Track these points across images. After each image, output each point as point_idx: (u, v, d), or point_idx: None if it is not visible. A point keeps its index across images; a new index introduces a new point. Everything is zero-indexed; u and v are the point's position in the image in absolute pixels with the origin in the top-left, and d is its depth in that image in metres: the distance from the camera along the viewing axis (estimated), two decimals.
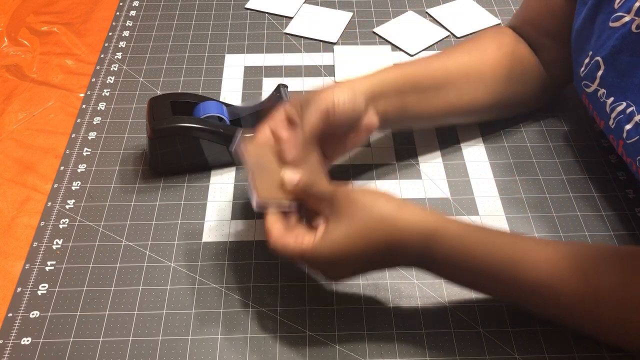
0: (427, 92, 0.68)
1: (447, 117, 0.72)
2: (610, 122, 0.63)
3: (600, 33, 0.63)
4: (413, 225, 0.53)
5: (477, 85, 0.71)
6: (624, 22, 0.60)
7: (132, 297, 0.62)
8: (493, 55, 0.72)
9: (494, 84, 0.72)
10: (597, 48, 0.64)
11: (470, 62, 0.71)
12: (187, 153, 0.71)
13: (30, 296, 0.62)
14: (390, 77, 0.66)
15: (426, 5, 0.98)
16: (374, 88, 0.64)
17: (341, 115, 0.60)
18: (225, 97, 0.83)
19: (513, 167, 0.74)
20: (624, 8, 0.61)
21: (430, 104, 0.69)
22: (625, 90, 0.61)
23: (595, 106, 0.66)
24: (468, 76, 0.70)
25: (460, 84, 0.70)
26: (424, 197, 0.71)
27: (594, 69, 0.64)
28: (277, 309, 0.61)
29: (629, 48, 0.60)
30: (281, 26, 0.94)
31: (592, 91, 0.65)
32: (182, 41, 0.92)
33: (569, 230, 0.67)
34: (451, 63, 0.70)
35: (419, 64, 0.70)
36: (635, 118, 0.59)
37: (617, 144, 0.63)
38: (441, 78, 0.69)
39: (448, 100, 0.69)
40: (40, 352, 0.58)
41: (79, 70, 0.88)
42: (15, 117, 0.81)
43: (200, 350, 0.58)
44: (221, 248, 0.66)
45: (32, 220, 0.69)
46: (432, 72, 0.69)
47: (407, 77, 0.67)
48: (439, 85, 0.69)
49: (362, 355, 0.57)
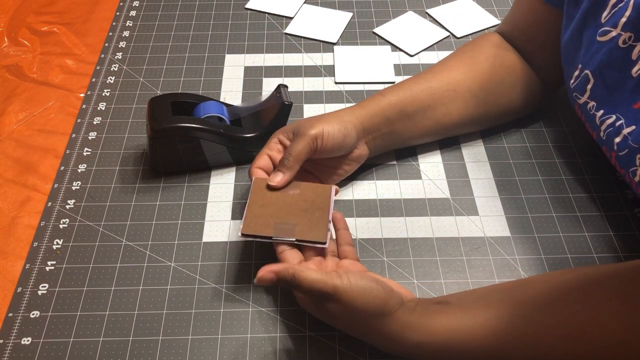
0: (414, 116, 0.70)
1: (437, 134, 0.74)
2: (601, 134, 0.63)
3: (588, 46, 0.63)
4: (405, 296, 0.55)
5: (466, 99, 0.71)
6: (611, 36, 0.60)
7: (132, 297, 0.62)
8: (482, 67, 0.72)
9: (484, 95, 0.72)
10: (585, 61, 0.64)
11: (457, 77, 0.71)
12: (187, 153, 0.71)
13: (31, 296, 0.62)
14: (379, 109, 0.68)
15: (426, 5, 0.98)
16: (362, 122, 0.67)
17: (331, 146, 0.64)
18: (225, 97, 0.83)
19: (513, 167, 0.74)
20: (610, 22, 0.60)
21: (418, 126, 0.71)
22: (614, 103, 0.61)
23: (586, 117, 0.66)
24: (455, 92, 0.70)
25: (446, 101, 0.70)
26: (424, 197, 0.71)
27: (583, 81, 0.64)
28: (277, 309, 0.61)
29: (616, 63, 0.60)
30: (281, 26, 0.95)
31: (582, 103, 0.65)
32: (182, 41, 0.92)
33: (568, 230, 0.67)
34: (436, 82, 0.71)
35: (405, 89, 0.70)
36: (624, 131, 0.59)
37: (609, 155, 0.64)
38: (427, 99, 0.70)
39: (436, 119, 0.71)
40: (40, 352, 0.58)
41: (79, 70, 0.88)
42: (16, 117, 0.81)
43: (200, 350, 0.58)
44: (221, 248, 0.66)
45: (33, 220, 0.69)
46: (418, 95, 0.70)
47: (394, 105, 0.69)
48: (426, 107, 0.70)
49: (362, 355, 0.57)
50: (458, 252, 0.66)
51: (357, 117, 0.66)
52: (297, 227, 0.60)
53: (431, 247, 0.66)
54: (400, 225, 0.68)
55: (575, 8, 0.65)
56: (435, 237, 0.67)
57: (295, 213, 0.61)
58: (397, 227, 0.68)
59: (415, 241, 0.66)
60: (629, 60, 0.58)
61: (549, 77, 0.75)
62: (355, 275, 0.52)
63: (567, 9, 0.67)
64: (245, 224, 0.60)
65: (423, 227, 0.68)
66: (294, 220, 0.61)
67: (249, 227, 0.60)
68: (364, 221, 0.68)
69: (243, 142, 0.72)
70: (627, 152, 0.59)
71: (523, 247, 0.66)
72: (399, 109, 0.68)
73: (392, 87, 0.71)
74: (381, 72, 0.86)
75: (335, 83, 0.85)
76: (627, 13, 0.58)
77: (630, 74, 0.58)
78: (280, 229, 0.60)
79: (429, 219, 0.69)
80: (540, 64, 0.74)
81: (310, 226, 0.60)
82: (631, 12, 0.58)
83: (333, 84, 0.85)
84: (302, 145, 0.62)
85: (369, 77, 0.86)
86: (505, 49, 0.74)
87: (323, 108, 0.81)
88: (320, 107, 0.82)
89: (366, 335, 0.55)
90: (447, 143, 0.76)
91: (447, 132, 0.74)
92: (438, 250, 0.66)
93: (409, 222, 0.68)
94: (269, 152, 0.65)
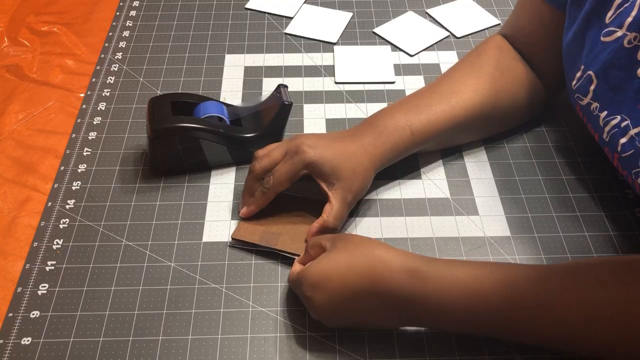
0: (432, 140, 0.69)
1: (438, 146, 0.74)
2: (604, 135, 0.63)
3: (592, 47, 0.63)
4: (398, 260, 0.55)
5: (481, 124, 0.72)
6: (617, 37, 0.60)
7: (132, 297, 0.62)
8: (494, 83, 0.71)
9: (496, 114, 0.72)
10: (588, 62, 0.63)
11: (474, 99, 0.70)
12: (187, 153, 0.71)
13: (31, 296, 0.62)
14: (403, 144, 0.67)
15: (426, 5, 0.98)
16: (382, 162, 0.66)
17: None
18: (225, 97, 0.83)
19: (513, 167, 0.74)
20: (615, 23, 0.60)
21: (431, 147, 0.72)
22: (619, 104, 0.60)
23: (589, 119, 0.66)
24: (472, 117, 0.70)
25: (464, 127, 0.70)
26: (424, 197, 0.71)
27: (586, 82, 0.64)
28: (277, 309, 0.61)
29: (621, 63, 0.59)
30: (281, 26, 0.95)
31: (585, 104, 0.65)
32: (182, 41, 0.92)
33: (568, 230, 0.67)
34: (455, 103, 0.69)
35: (429, 114, 0.68)
36: (631, 132, 0.59)
37: (612, 156, 0.63)
38: (448, 125, 0.68)
39: (451, 141, 0.73)
40: (40, 352, 0.58)
41: (79, 70, 0.88)
42: (16, 117, 0.81)
43: (200, 350, 0.58)
44: (221, 248, 0.66)
45: (32, 220, 0.69)
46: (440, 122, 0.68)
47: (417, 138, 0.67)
48: (445, 132, 0.69)
49: (362, 355, 0.57)
50: (458, 252, 0.65)
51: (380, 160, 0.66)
52: (280, 237, 0.65)
53: (431, 247, 0.66)
54: (400, 225, 0.68)
55: (578, 9, 0.65)
56: (435, 237, 0.67)
57: (283, 224, 0.66)
58: (397, 227, 0.68)
59: (415, 241, 0.66)
60: (635, 60, 0.58)
61: (552, 80, 0.74)
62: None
63: (569, 9, 0.67)
64: (236, 229, 0.66)
65: (423, 227, 0.68)
66: (281, 230, 0.65)
67: (239, 232, 0.66)
68: (364, 221, 0.68)
69: (243, 142, 0.72)
70: (632, 153, 0.59)
71: (523, 247, 0.66)
72: (421, 141, 0.68)
73: (416, 112, 0.68)
74: (381, 72, 0.86)
75: (335, 83, 0.85)
76: (633, 13, 0.58)
77: (635, 74, 0.58)
78: (265, 238, 0.65)
79: (429, 219, 0.69)
80: (543, 67, 0.74)
81: (294, 238, 0.65)
82: (637, 12, 0.58)
83: (333, 84, 0.85)
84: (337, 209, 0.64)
85: (369, 77, 0.86)
86: (510, 57, 0.74)
87: (323, 108, 0.81)
88: (320, 107, 0.82)
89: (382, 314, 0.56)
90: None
91: (454, 143, 0.75)
92: (438, 250, 0.66)
93: (409, 222, 0.68)
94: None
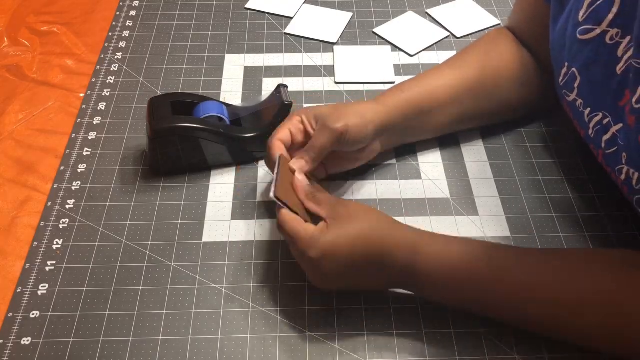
0: (430, 113, 0.70)
1: (448, 129, 0.74)
2: (590, 132, 0.63)
3: (571, 44, 0.63)
4: (401, 233, 0.58)
5: (479, 96, 0.72)
6: (596, 34, 0.59)
7: (132, 297, 0.62)
8: (497, 64, 0.72)
9: (498, 92, 0.72)
10: (570, 59, 0.64)
11: (473, 75, 0.71)
12: (187, 153, 0.71)
13: (30, 296, 0.62)
14: (397, 105, 0.68)
15: (426, 5, 0.98)
16: (382, 120, 0.67)
17: (351, 144, 0.65)
18: (225, 97, 0.83)
19: (513, 167, 0.74)
20: (590, 21, 0.60)
21: (432, 122, 0.71)
22: (600, 101, 0.60)
23: (574, 115, 0.66)
24: (471, 90, 0.71)
25: (463, 99, 0.71)
26: (424, 197, 0.71)
27: (571, 79, 0.64)
28: (277, 309, 0.61)
29: (602, 59, 0.59)
30: (281, 26, 0.95)
31: (571, 100, 0.65)
32: (182, 41, 0.92)
33: (568, 230, 0.67)
34: (452, 77, 0.71)
35: (423, 84, 0.70)
36: (612, 129, 0.59)
37: (597, 153, 0.64)
38: (444, 96, 0.70)
39: (451, 115, 0.72)
40: (40, 352, 0.58)
41: (79, 70, 0.88)
42: (16, 117, 0.81)
43: (200, 350, 0.58)
44: (221, 248, 0.66)
45: (32, 220, 0.69)
46: (435, 91, 0.70)
47: (412, 102, 0.69)
48: (442, 104, 0.70)
49: (362, 356, 0.57)
50: None
51: (378, 116, 0.66)
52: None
53: None
54: None
55: (561, 8, 0.65)
56: None
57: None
58: None
59: None
60: (615, 57, 0.58)
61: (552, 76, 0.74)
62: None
63: (553, 6, 0.67)
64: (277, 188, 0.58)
65: (423, 227, 0.67)
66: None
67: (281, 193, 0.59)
68: None
69: (243, 142, 0.72)
70: (615, 150, 0.59)
71: (523, 247, 0.66)
72: (416, 106, 0.69)
73: (410, 82, 0.71)
74: (381, 72, 0.86)
75: (335, 83, 0.85)
76: (614, 9, 0.58)
77: (615, 71, 0.58)
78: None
79: (429, 219, 0.69)
80: (544, 60, 0.73)
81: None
82: (619, 8, 0.57)
83: (333, 84, 0.85)
84: (327, 140, 0.63)
85: (369, 77, 0.86)
86: (519, 46, 0.74)
87: None
88: None
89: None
90: (447, 143, 0.76)
91: (457, 127, 0.75)
92: None
93: (409, 222, 0.68)
94: (291, 127, 0.65)
